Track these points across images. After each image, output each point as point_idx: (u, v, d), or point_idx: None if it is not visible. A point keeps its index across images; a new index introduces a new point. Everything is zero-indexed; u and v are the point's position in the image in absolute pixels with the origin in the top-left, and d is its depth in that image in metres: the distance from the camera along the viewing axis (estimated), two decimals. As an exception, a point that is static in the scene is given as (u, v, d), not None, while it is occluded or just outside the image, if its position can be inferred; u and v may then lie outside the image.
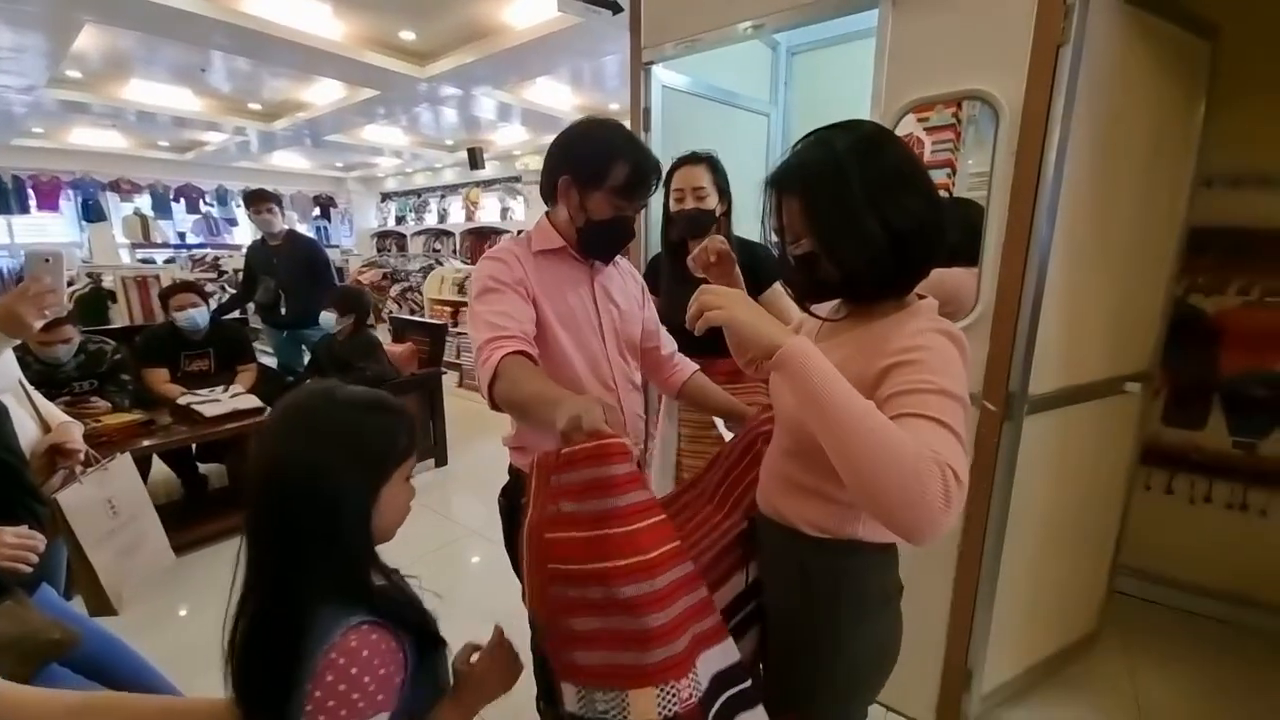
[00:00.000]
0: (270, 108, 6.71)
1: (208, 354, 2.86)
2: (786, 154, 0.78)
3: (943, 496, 0.57)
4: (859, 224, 0.71)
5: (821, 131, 0.77)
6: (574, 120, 1.15)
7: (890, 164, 0.73)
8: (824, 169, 0.73)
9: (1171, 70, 1.43)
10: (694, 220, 1.45)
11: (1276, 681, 1.72)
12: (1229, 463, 1.92)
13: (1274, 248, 1.78)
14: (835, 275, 0.75)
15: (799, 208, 0.75)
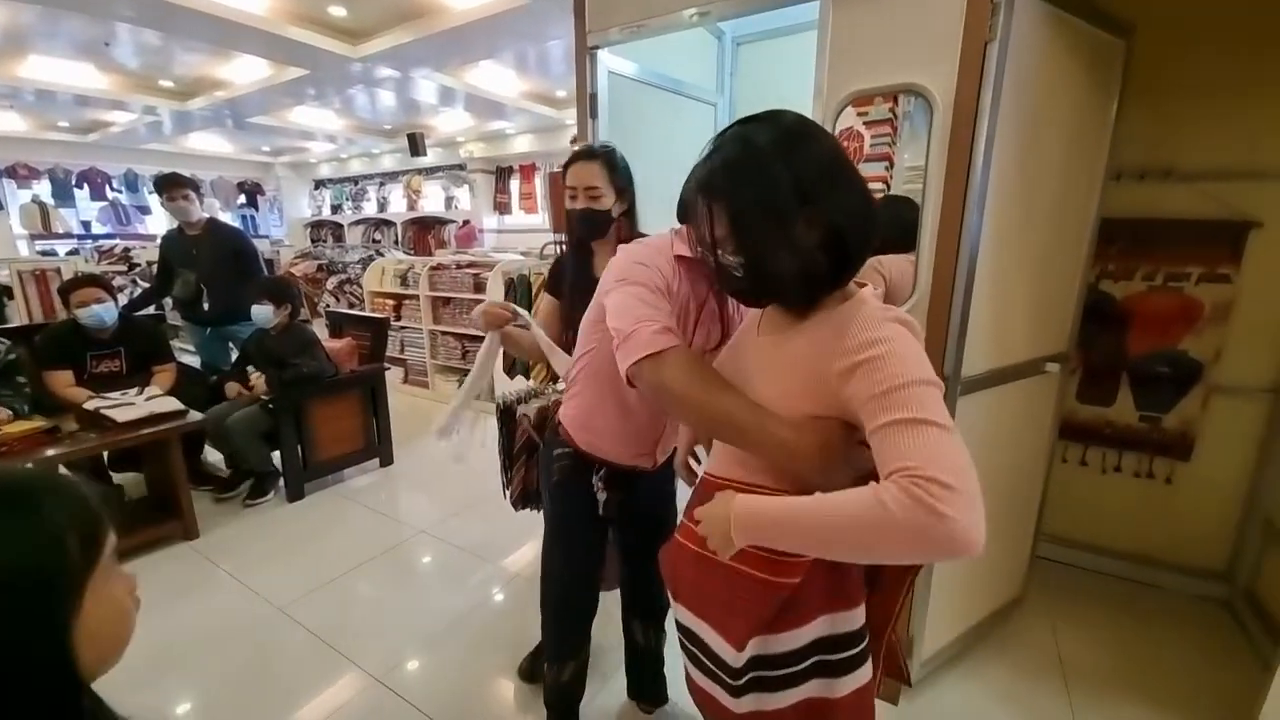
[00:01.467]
0: (184, 85, 6.20)
1: (118, 354, 2.63)
2: (707, 152, 0.74)
3: (926, 512, 0.55)
4: (789, 231, 0.69)
5: (741, 127, 0.73)
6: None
7: (817, 159, 0.69)
8: (748, 172, 0.69)
9: (1089, 68, 1.53)
10: (586, 220, 1.34)
11: (1175, 633, 1.91)
12: (1137, 435, 2.10)
13: (1176, 236, 1.94)
14: (770, 283, 0.74)
15: (725, 216, 0.72)
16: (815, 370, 0.70)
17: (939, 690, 1.67)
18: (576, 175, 1.33)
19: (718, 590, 0.78)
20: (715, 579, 0.78)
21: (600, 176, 1.32)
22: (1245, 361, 1.92)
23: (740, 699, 0.79)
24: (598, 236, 1.36)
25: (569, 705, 1.46)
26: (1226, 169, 1.86)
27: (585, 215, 1.34)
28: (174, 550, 2.40)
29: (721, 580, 0.77)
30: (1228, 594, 2.03)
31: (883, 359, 0.64)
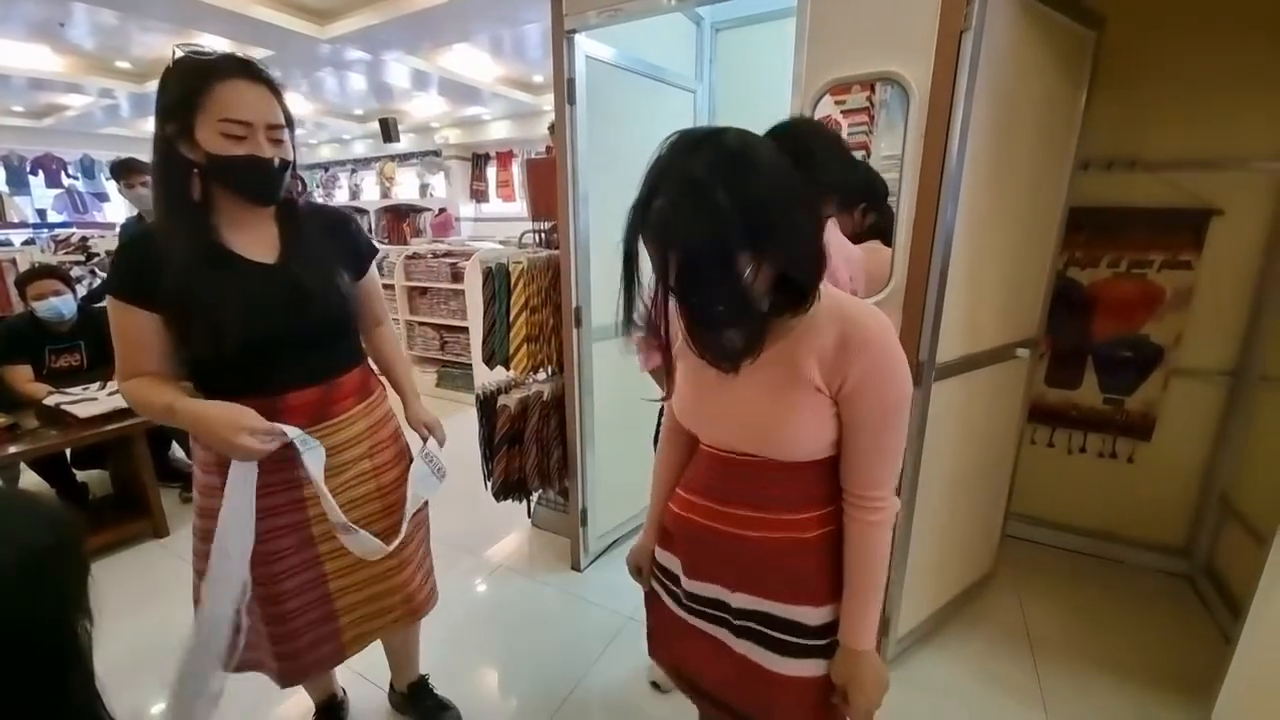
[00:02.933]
0: (142, 67, 5.94)
1: (77, 348, 2.54)
2: (646, 189, 0.66)
3: (887, 534, 0.79)
4: (737, 277, 0.65)
5: (676, 154, 0.65)
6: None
7: (768, 185, 0.65)
8: (694, 219, 0.63)
9: (1060, 58, 1.55)
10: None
11: (1137, 606, 1.99)
12: (1101, 417, 2.17)
13: (1140, 224, 2.00)
14: (726, 321, 0.72)
15: (659, 255, 0.67)
16: (819, 348, 0.74)
17: (913, 666, 1.72)
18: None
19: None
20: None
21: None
22: (1204, 345, 1.99)
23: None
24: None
25: None
26: (1190, 158, 1.91)
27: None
28: (143, 549, 2.34)
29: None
30: (1187, 568, 2.13)
31: (882, 381, 0.75)
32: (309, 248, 1.04)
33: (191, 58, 0.91)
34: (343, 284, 1.09)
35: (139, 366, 0.97)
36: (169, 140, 0.92)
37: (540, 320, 2.00)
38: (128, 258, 0.98)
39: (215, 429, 0.93)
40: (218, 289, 0.94)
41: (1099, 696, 1.62)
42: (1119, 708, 1.58)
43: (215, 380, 1.00)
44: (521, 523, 2.51)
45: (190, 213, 0.95)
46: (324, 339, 1.07)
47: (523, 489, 2.11)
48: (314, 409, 1.06)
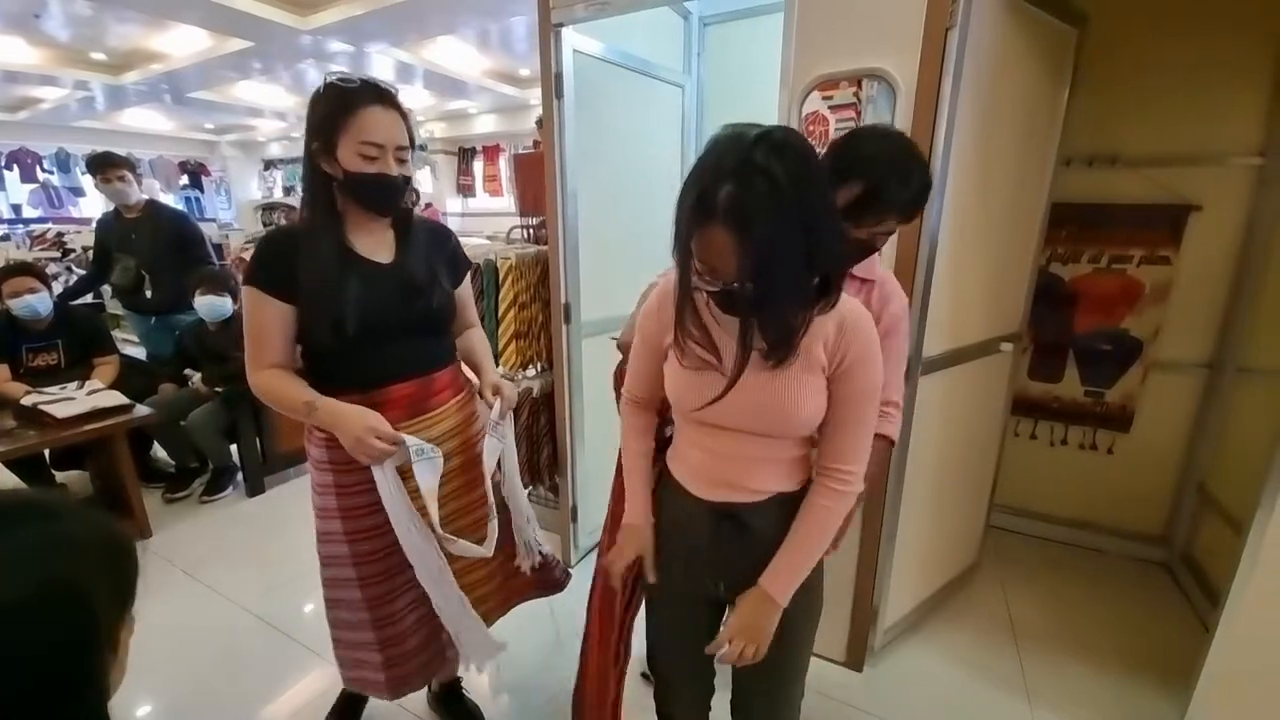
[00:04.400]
0: (117, 58, 5.79)
1: (55, 346, 2.48)
2: (712, 179, 0.68)
3: (847, 508, 0.86)
4: (800, 262, 0.70)
5: (739, 148, 0.68)
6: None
7: (817, 180, 0.70)
8: (762, 202, 0.66)
9: (1043, 56, 1.57)
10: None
11: (1117, 594, 2.04)
12: (1082, 409, 2.21)
13: (1121, 220, 2.04)
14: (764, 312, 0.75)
15: (732, 244, 0.68)
16: (819, 349, 0.80)
17: (900, 656, 1.75)
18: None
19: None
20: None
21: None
22: (1181, 339, 2.04)
23: None
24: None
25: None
26: (1169, 155, 1.95)
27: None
28: (127, 550, 2.30)
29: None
30: (1166, 556, 2.18)
31: (876, 363, 0.82)
32: (418, 251, 1.16)
33: (339, 85, 1.01)
34: (447, 286, 1.20)
35: (269, 358, 1.07)
36: (314, 156, 1.04)
37: (529, 316, 1.99)
38: (268, 252, 1.07)
39: (350, 427, 1.03)
40: (345, 284, 1.05)
41: (1080, 683, 1.65)
42: (1100, 694, 1.62)
43: (326, 371, 1.10)
44: (511, 519, 2.50)
45: (330, 219, 1.07)
46: (426, 333, 1.18)
47: (512, 486, 2.10)
48: (412, 402, 1.15)
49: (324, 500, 1.16)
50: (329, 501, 1.15)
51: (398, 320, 1.11)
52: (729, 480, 0.87)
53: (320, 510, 1.18)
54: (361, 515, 1.14)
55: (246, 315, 1.07)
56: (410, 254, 1.14)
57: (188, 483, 2.70)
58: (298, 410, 1.06)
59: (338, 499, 1.14)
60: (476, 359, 1.29)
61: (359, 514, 1.14)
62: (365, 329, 1.07)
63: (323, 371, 1.11)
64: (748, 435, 0.83)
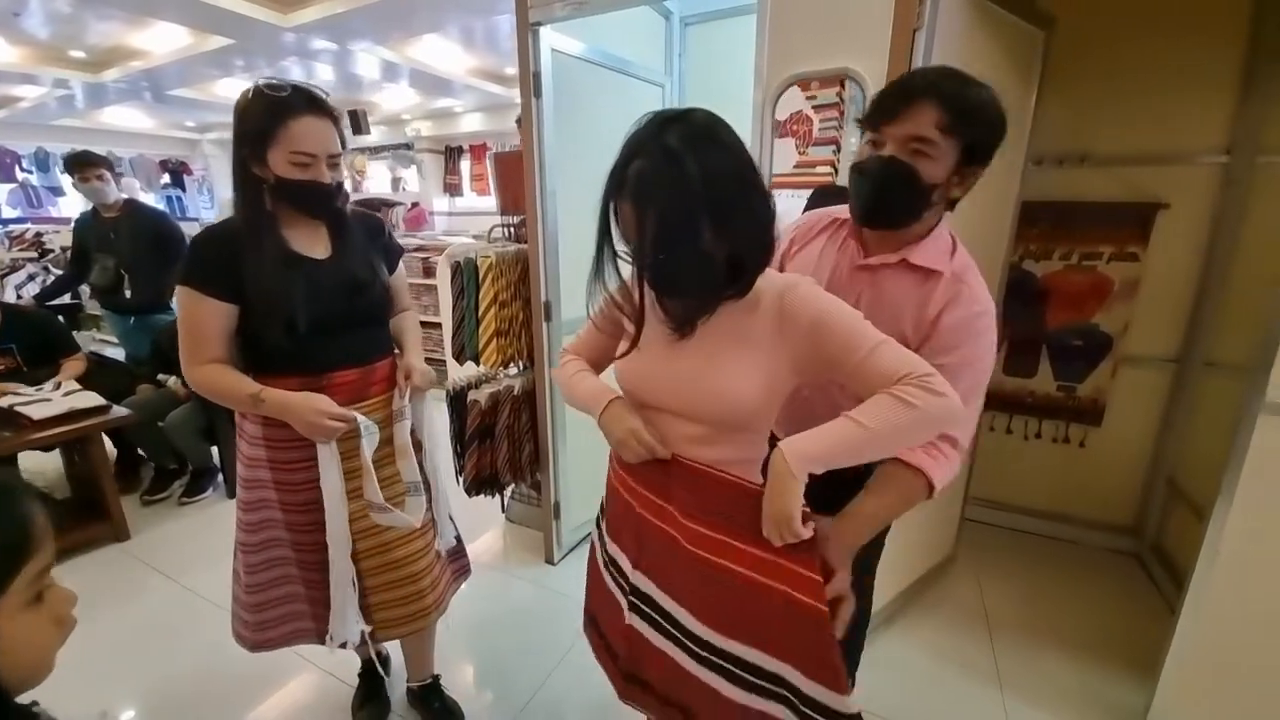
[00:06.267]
0: (97, 55, 5.71)
1: (10, 350, 2.43)
2: (628, 153, 0.73)
3: (938, 396, 0.70)
4: (699, 241, 0.72)
5: (653, 127, 0.72)
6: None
7: (731, 165, 0.72)
8: (662, 180, 0.69)
9: (1010, 57, 1.60)
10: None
11: (1090, 584, 2.08)
12: (1055, 404, 2.26)
13: (1091, 218, 2.08)
14: (684, 283, 0.78)
15: (635, 218, 0.72)
16: (763, 335, 0.78)
17: (876, 648, 1.77)
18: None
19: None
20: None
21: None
22: (1150, 334, 2.08)
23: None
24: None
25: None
26: (1138, 154, 1.99)
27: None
28: (103, 553, 2.28)
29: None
30: (1137, 547, 2.23)
31: (837, 312, 0.77)
32: (355, 246, 1.19)
33: (268, 94, 1.03)
34: (383, 278, 1.25)
35: (208, 355, 1.10)
36: (245, 162, 1.06)
37: (510, 315, 2.00)
38: (205, 253, 1.09)
39: (301, 413, 1.08)
40: (291, 282, 1.09)
41: (1052, 671, 1.69)
42: (1071, 681, 1.65)
43: (271, 362, 1.13)
44: (496, 518, 2.51)
45: (264, 219, 1.09)
46: (367, 324, 1.22)
47: (495, 484, 2.11)
48: (354, 389, 1.20)
49: (251, 474, 1.21)
50: (256, 475, 1.20)
51: (342, 314, 1.16)
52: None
53: (247, 481, 1.22)
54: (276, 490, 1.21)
55: (182, 314, 1.09)
56: (348, 249, 1.18)
57: (167, 484, 2.68)
58: (243, 403, 1.10)
59: (271, 472, 1.19)
60: (404, 340, 1.34)
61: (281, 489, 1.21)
62: (312, 325, 1.11)
63: (265, 362, 1.14)
64: (686, 420, 0.83)
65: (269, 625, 1.29)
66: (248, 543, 1.24)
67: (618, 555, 0.97)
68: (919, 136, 0.83)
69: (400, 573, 1.28)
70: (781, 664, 0.78)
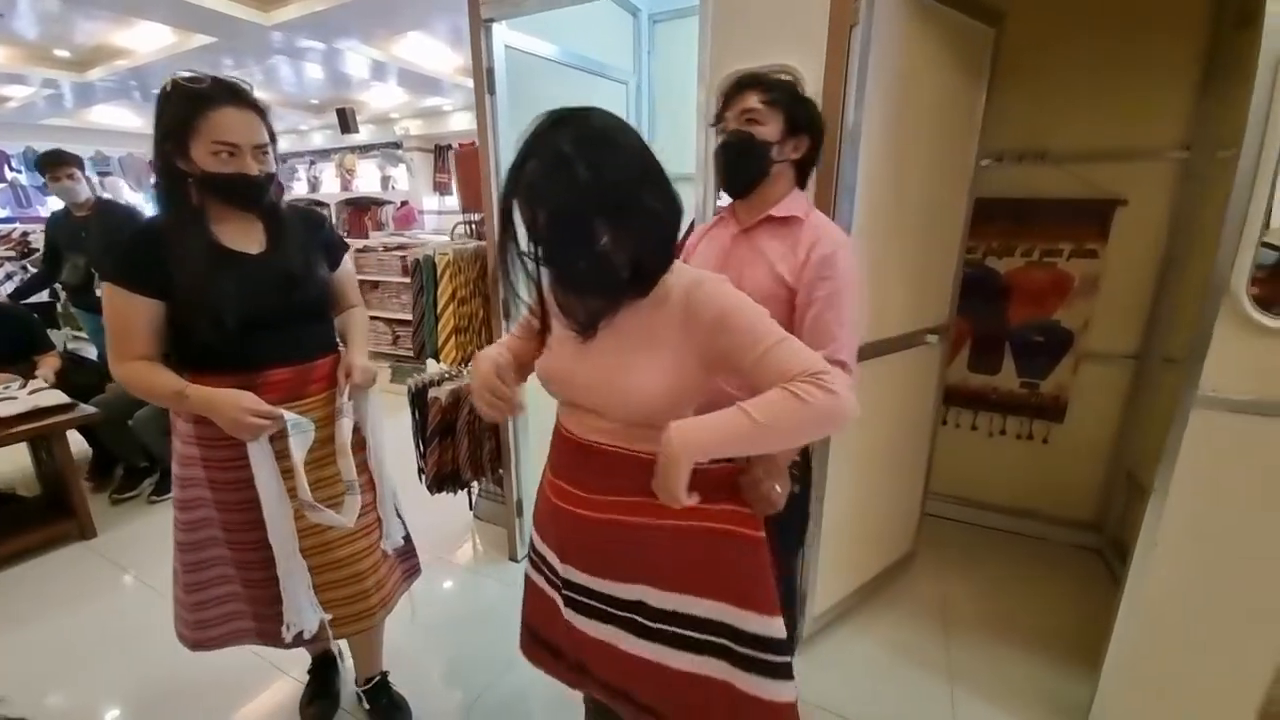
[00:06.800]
0: (82, 55, 5.71)
1: None
2: (523, 154, 0.72)
3: (825, 395, 0.70)
4: (596, 243, 0.72)
5: (545, 127, 0.72)
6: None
7: (628, 168, 0.72)
8: (552, 183, 0.70)
9: (958, 54, 1.60)
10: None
11: (1050, 580, 2.09)
12: (1018, 400, 2.26)
13: (1050, 215, 2.08)
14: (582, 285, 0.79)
15: (528, 217, 0.73)
16: (670, 332, 0.79)
17: (830, 643, 1.78)
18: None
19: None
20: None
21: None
22: (1110, 330, 2.09)
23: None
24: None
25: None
26: (1095, 150, 1.99)
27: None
28: (69, 552, 2.28)
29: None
30: (1099, 542, 2.24)
31: (740, 308, 0.78)
32: (291, 241, 1.18)
33: (186, 86, 1.02)
34: (322, 274, 1.24)
35: (136, 352, 1.09)
36: (168, 156, 1.05)
37: (469, 312, 2.00)
38: (132, 250, 1.08)
39: (225, 411, 1.07)
40: (220, 278, 1.08)
41: (1002, 665, 1.69)
42: (1019, 674, 1.66)
43: (203, 359, 1.13)
44: (464, 516, 2.51)
45: (190, 214, 1.08)
46: (303, 321, 1.21)
47: (457, 481, 2.11)
48: (290, 386, 1.19)
49: (186, 473, 1.20)
50: (191, 474, 1.19)
51: (275, 311, 1.15)
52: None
53: (182, 480, 1.21)
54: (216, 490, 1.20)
55: (108, 310, 1.08)
56: (283, 244, 1.17)
57: (137, 483, 2.69)
58: (168, 400, 1.10)
59: (205, 471, 1.18)
60: (349, 337, 1.33)
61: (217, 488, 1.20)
62: (244, 321, 1.10)
63: (197, 359, 1.13)
64: (600, 417, 0.85)
65: (209, 625, 1.29)
66: (184, 542, 1.23)
67: (545, 552, 0.97)
68: (747, 108, 1.11)
69: (343, 572, 1.28)
70: (718, 604, 0.84)
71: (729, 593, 0.84)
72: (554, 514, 0.93)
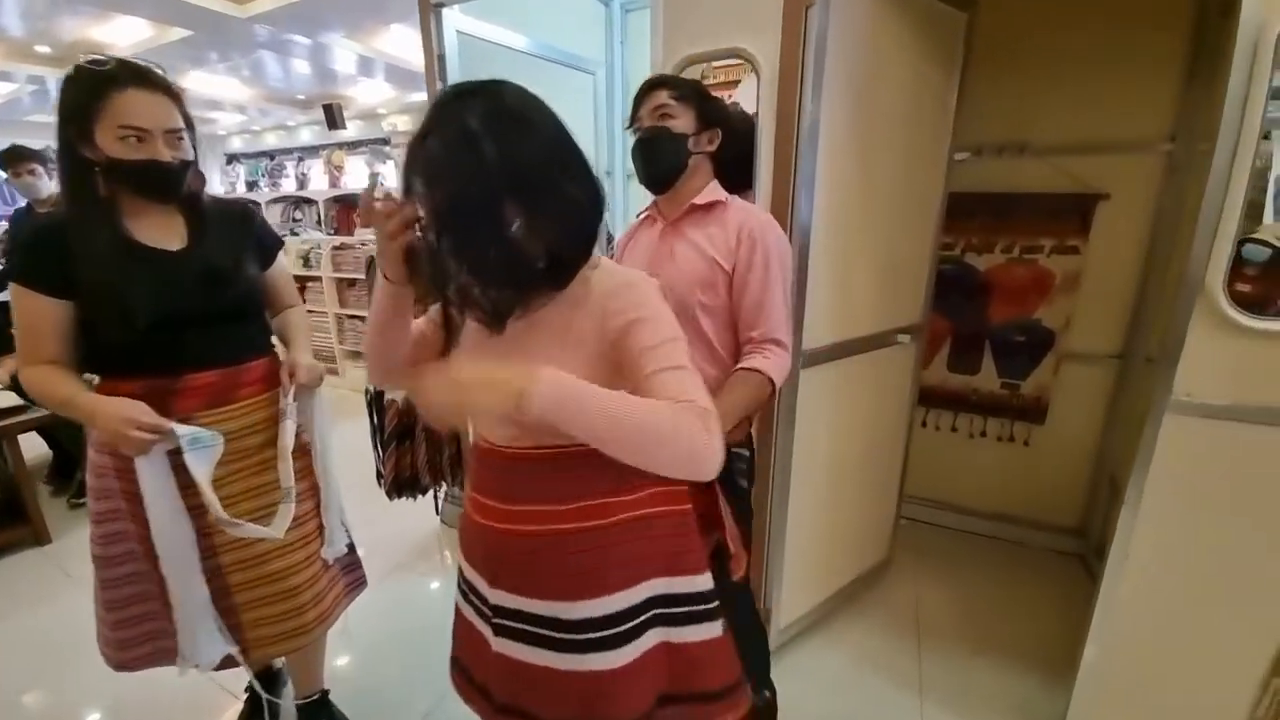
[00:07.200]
0: (62, 50, 5.63)
1: None
2: (426, 126, 0.66)
3: (704, 431, 0.64)
4: (501, 229, 0.65)
5: (451, 99, 0.66)
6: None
7: (543, 149, 0.67)
8: (456, 162, 0.63)
9: (926, 39, 1.52)
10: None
11: (1031, 587, 2.02)
12: (999, 402, 2.19)
13: (1031, 209, 2.01)
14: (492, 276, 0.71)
15: (425, 198, 0.66)
16: (593, 329, 0.73)
17: (798, 655, 1.71)
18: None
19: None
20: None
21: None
22: (1092, 329, 2.02)
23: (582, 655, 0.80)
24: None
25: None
26: (1077, 143, 1.92)
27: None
28: (22, 557, 2.22)
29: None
30: (1082, 548, 2.17)
31: (651, 319, 0.72)
32: (215, 236, 1.12)
33: (88, 68, 0.96)
34: (251, 270, 1.17)
35: (41, 353, 1.03)
36: (71, 143, 0.98)
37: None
38: (33, 248, 1.02)
39: (107, 422, 0.99)
40: (127, 275, 1.01)
41: (976, 677, 1.63)
42: (992, 686, 1.59)
43: (118, 362, 1.06)
44: (431, 522, 2.45)
45: (97, 207, 1.01)
46: (229, 321, 1.14)
47: (416, 486, 2.04)
48: (214, 391, 1.12)
49: (98, 483, 1.13)
50: (104, 484, 1.12)
51: (195, 310, 1.08)
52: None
53: (95, 491, 1.15)
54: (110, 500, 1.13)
55: (15, 312, 1.01)
56: (206, 239, 1.11)
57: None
58: (58, 407, 1.03)
59: (119, 482, 1.11)
60: (290, 336, 1.27)
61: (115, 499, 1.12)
62: (158, 321, 1.03)
63: (109, 363, 1.07)
64: (505, 422, 0.78)
65: (130, 644, 1.21)
66: (102, 557, 1.16)
67: (475, 579, 0.90)
68: (659, 104, 1.11)
69: (277, 586, 1.21)
70: (654, 581, 0.81)
71: (664, 569, 0.82)
72: (480, 534, 0.86)
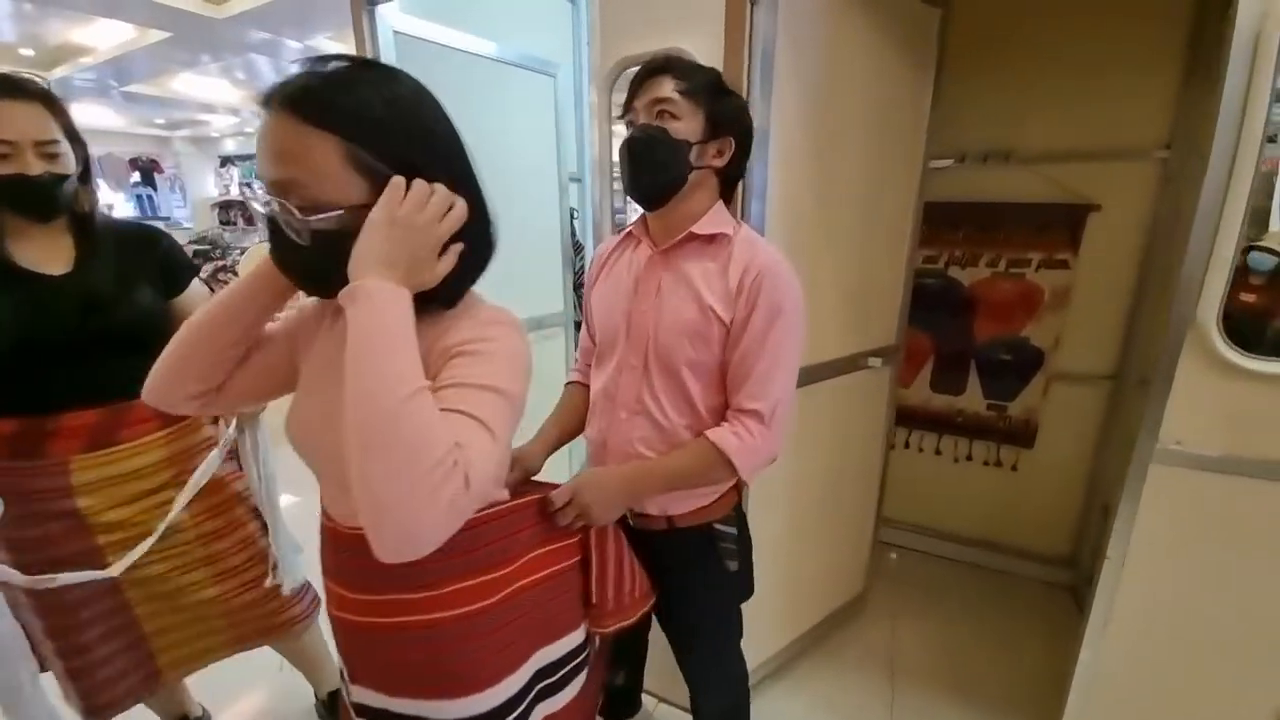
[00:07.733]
0: (44, 53, 5.57)
1: None
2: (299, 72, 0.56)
3: (448, 504, 0.49)
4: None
5: (342, 60, 0.58)
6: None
7: (441, 137, 0.62)
8: (345, 97, 0.55)
9: (895, 39, 1.39)
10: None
11: (1018, 622, 1.89)
12: (985, 424, 2.06)
13: (1017, 221, 1.88)
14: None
15: (334, 156, 0.54)
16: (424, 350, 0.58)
17: (759, 705, 1.56)
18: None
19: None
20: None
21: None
22: (1082, 349, 1.88)
23: None
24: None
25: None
26: (1067, 150, 1.79)
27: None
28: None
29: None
30: (1073, 579, 2.04)
31: (482, 355, 0.58)
32: (104, 260, 1.04)
33: None
34: (142, 298, 1.07)
35: None
36: None
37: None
38: None
39: None
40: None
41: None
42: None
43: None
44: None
45: None
46: (113, 354, 1.03)
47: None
48: (95, 432, 1.04)
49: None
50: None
51: (69, 339, 1.00)
52: None
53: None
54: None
55: None
56: (92, 263, 1.03)
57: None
58: None
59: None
60: None
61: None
62: (21, 350, 0.95)
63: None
64: (346, 490, 0.66)
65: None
66: None
67: (341, 667, 0.78)
68: (660, 98, 0.85)
69: (183, 608, 1.16)
70: (538, 654, 0.75)
71: (545, 636, 0.76)
72: (336, 626, 0.74)
